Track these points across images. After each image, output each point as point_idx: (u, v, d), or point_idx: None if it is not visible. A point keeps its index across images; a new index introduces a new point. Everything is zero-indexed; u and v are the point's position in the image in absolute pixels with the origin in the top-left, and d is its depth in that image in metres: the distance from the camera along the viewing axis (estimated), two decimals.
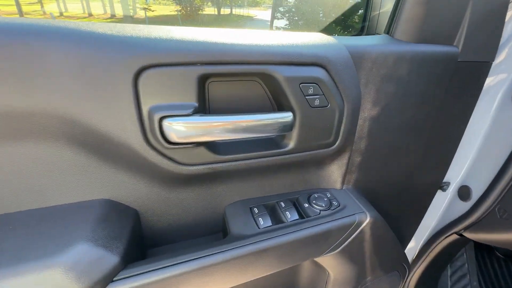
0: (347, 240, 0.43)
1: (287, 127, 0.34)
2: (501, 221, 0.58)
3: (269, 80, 0.33)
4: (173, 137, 0.29)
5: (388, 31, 0.44)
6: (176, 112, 0.29)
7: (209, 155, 0.33)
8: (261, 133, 0.33)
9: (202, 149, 0.33)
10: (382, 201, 0.56)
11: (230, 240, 0.36)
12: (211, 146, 0.34)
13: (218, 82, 0.33)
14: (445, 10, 0.41)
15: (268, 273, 0.38)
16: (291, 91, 0.33)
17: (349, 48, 0.37)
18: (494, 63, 0.53)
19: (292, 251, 0.38)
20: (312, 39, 0.36)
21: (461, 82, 0.49)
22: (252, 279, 0.38)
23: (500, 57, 0.53)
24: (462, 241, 0.72)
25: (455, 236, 0.71)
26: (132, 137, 0.29)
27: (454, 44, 0.45)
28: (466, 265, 0.91)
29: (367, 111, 0.42)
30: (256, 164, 0.36)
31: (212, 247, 0.34)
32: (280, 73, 0.32)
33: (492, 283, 0.93)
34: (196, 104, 0.30)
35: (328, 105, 0.35)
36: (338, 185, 0.47)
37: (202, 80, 0.31)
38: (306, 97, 0.34)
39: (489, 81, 0.56)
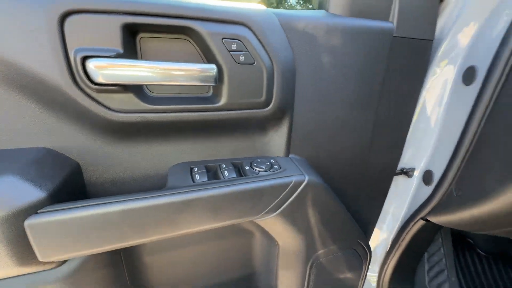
0: (286, 201, 0.44)
1: (211, 78, 0.36)
2: (457, 199, 0.58)
3: (196, 37, 0.37)
4: (96, 78, 0.32)
5: (325, 6, 0.48)
6: (99, 53, 0.32)
7: (138, 103, 0.36)
8: (184, 81, 0.36)
9: (130, 96, 0.35)
10: (336, 179, 0.57)
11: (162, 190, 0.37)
12: (141, 95, 0.37)
13: (150, 38, 0.36)
14: None
15: (202, 227, 0.39)
16: (214, 45, 0.36)
17: (278, 16, 0.40)
18: (440, 42, 0.56)
19: (226, 205, 0.39)
20: (239, 3, 0.39)
21: (403, 60, 0.51)
22: (184, 231, 0.39)
23: (444, 36, 0.55)
24: (430, 227, 0.71)
25: (422, 222, 0.70)
26: (60, 78, 0.32)
27: (390, 19, 0.48)
28: (444, 260, 0.88)
29: (304, 79, 0.45)
30: (189, 117, 0.39)
31: (139, 193, 0.36)
32: (203, 27, 0.35)
33: (472, 280, 0.90)
34: (121, 51, 0.33)
35: (254, 63, 0.38)
36: (283, 153, 0.49)
37: (130, 32, 0.34)
38: (231, 52, 0.37)
39: (436, 61, 0.58)
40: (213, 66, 0.36)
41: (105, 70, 0.32)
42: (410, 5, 0.47)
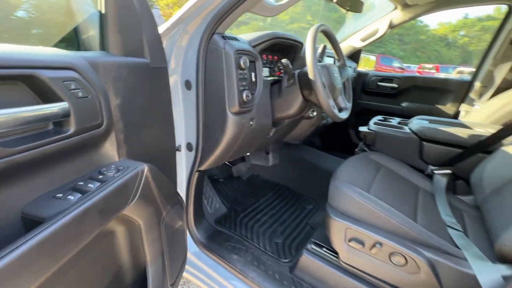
0: (140, 186, 0.62)
1: (67, 113, 0.45)
2: (207, 151, 1.07)
3: (35, 83, 0.42)
4: None
5: (104, 48, 0.65)
6: None
7: None
8: (42, 120, 0.41)
9: None
10: (150, 163, 0.80)
11: (47, 223, 0.41)
12: None
13: None
14: (130, 36, 0.70)
15: (97, 231, 0.48)
16: (59, 87, 0.44)
17: (85, 58, 0.54)
18: (169, 67, 0.94)
19: (109, 205, 0.51)
20: (62, 51, 0.48)
21: (158, 81, 0.83)
22: (82, 244, 0.46)
23: (170, 64, 0.95)
24: (201, 175, 1.18)
25: (196, 174, 1.14)
26: None
27: (145, 57, 0.76)
28: (210, 193, 1.45)
29: (113, 101, 0.62)
30: (40, 153, 0.43)
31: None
32: (46, 75, 0.42)
33: (226, 196, 1.57)
34: None
35: (89, 96, 0.51)
36: (116, 159, 0.64)
37: None
38: (71, 91, 0.46)
39: (172, 79, 0.97)
40: (65, 103, 0.44)
41: None
42: (151, 47, 0.78)
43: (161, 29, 0.95)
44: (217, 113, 0.97)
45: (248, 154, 1.73)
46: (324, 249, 1.06)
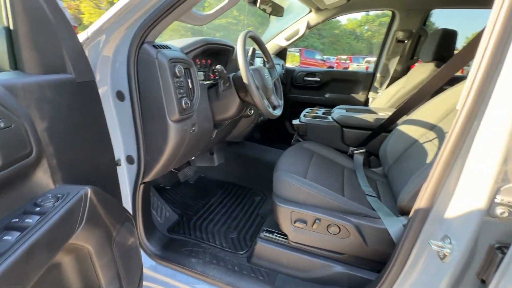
0: (85, 211, 0.59)
1: None
2: (151, 162, 1.05)
3: None
4: None
5: (17, 67, 0.58)
6: None
7: None
8: None
9: None
10: (90, 183, 0.76)
11: None
12: None
13: None
14: (48, 51, 0.64)
15: (45, 266, 0.46)
16: None
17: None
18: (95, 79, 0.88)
19: (52, 239, 0.48)
20: None
21: (87, 96, 0.78)
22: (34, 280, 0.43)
23: (96, 77, 0.89)
24: (146, 186, 1.15)
25: (142, 186, 1.11)
26: None
27: (69, 72, 0.71)
28: (159, 202, 1.41)
29: (39, 125, 0.57)
30: None
31: None
32: None
33: (173, 202, 1.55)
34: None
35: (12, 125, 0.46)
36: (51, 186, 0.59)
37: None
38: None
39: (100, 91, 0.91)
40: None
41: None
42: (73, 61, 0.73)
43: (80, 37, 0.88)
44: (157, 123, 0.96)
45: (193, 157, 1.73)
46: (275, 234, 1.17)
